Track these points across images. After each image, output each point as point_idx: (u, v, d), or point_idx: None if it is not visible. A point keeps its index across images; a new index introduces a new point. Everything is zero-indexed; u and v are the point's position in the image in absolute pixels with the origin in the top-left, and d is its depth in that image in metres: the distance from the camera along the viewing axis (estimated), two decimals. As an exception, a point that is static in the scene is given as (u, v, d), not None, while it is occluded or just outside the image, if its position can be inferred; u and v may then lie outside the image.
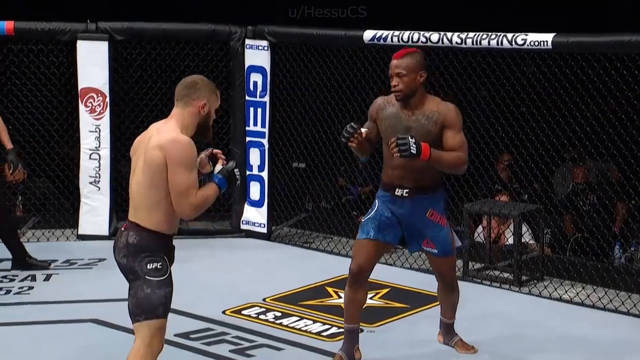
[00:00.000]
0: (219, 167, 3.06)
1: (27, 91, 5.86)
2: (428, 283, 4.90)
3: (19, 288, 4.69)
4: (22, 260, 4.94)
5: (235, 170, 3.04)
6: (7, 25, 5.47)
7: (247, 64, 5.72)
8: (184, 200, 2.88)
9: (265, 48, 5.66)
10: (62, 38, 5.62)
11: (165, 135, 2.95)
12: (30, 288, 4.71)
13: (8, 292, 4.65)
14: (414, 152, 3.27)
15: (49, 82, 5.86)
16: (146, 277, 2.88)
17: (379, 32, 5.13)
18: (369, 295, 4.64)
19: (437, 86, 5.23)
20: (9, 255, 4.99)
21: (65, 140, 6.01)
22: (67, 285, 4.75)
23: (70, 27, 5.60)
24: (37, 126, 5.95)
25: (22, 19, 5.59)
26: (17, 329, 4.10)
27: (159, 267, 2.90)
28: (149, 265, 2.89)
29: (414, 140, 3.28)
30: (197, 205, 2.91)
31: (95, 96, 5.64)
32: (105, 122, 5.67)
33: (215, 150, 3.14)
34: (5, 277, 4.89)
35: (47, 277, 4.90)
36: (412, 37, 4.99)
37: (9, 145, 4.86)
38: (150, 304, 2.88)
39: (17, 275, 4.90)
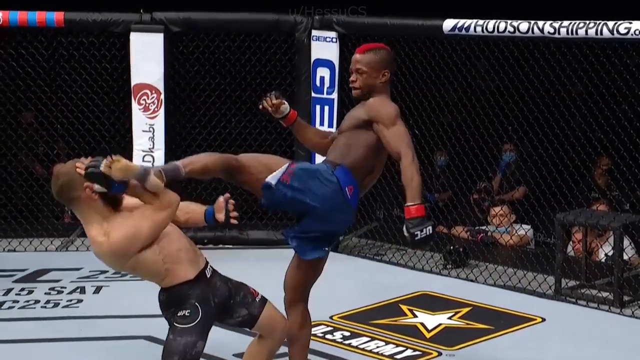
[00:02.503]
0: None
1: (77, 87, 5.95)
2: (515, 302, 4.80)
3: (68, 301, 4.76)
4: None
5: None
6: (57, 16, 5.56)
7: (313, 57, 5.70)
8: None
9: (334, 40, 5.63)
10: (115, 30, 5.69)
11: None
12: (80, 301, 4.78)
13: (56, 305, 4.72)
14: (429, 228, 3.15)
15: (100, 78, 5.94)
16: (174, 323, 3.07)
17: (461, 22, 5.04)
18: (448, 315, 4.60)
19: (527, 81, 5.11)
20: (58, 265, 5.07)
21: (116, 141, 6.08)
22: (117, 299, 4.80)
23: (123, 17, 5.67)
24: (87, 125, 6.03)
25: (73, 10, 5.67)
26: (65, 345, 4.15)
27: (186, 314, 3.05)
28: (178, 312, 3.07)
29: (406, 232, 3.15)
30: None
31: (149, 93, 5.69)
32: (159, 121, 5.71)
33: (230, 201, 3.22)
34: (53, 288, 4.97)
35: (97, 290, 4.97)
36: (497, 27, 4.88)
37: None
38: (169, 350, 3.04)
39: (66, 287, 4.97)
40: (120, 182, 2.91)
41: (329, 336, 4.31)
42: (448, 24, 5.10)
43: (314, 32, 5.68)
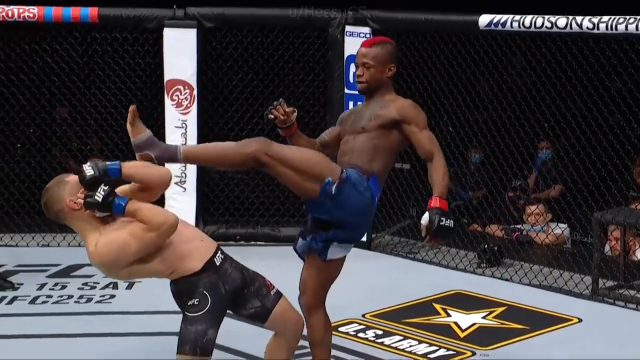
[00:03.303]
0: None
1: (110, 83, 5.99)
2: (551, 302, 4.75)
3: (101, 296, 4.79)
4: None
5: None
6: (91, 11, 5.60)
7: (346, 53, 5.68)
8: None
9: (368, 35, 5.60)
10: (148, 25, 5.72)
11: None
12: (112, 297, 4.81)
13: (89, 300, 4.76)
14: (451, 222, 3.15)
15: (133, 74, 5.97)
16: (185, 312, 3.10)
17: (497, 17, 4.99)
18: (482, 314, 4.56)
19: (564, 78, 5.05)
20: (86, 260, 5.08)
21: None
22: (150, 295, 4.82)
23: (156, 13, 5.69)
24: (120, 121, 6.04)
25: (107, 5, 5.71)
26: (98, 340, 4.18)
27: (196, 302, 3.08)
28: (189, 302, 3.11)
29: (436, 220, 3.11)
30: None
31: (182, 89, 5.71)
32: (192, 117, 5.73)
33: None
34: (86, 284, 5.01)
35: (129, 286, 5.00)
36: (535, 22, 4.83)
37: None
38: (182, 338, 3.07)
39: (99, 283, 5.01)
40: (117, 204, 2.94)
41: (361, 334, 4.30)
42: (484, 19, 5.05)
43: (348, 28, 5.67)
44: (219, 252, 3.17)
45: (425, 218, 3.15)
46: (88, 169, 2.97)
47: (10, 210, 5.95)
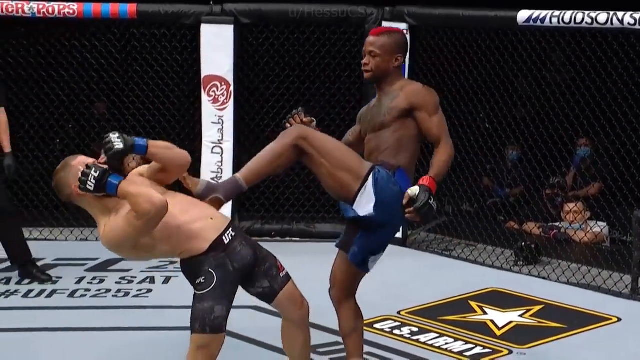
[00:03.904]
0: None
1: (148, 79, 6.04)
2: (589, 301, 4.70)
3: (138, 290, 4.83)
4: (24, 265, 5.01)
5: None
6: (130, 8, 5.65)
7: (383, 49, 5.65)
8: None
9: (405, 31, 5.56)
10: (186, 22, 5.75)
11: None
12: (149, 291, 4.85)
13: (127, 294, 4.80)
14: (433, 202, 3.10)
15: (170, 70, 6.02)
16: (195, 291, 3.10)
17: (536, 13, 4.94)
18: (519, 313, 4.52)
19: (604, 74, 4.98)
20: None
21: (186, 133, 6.15)
22: (186, 289, 4.81)
23: (194, 9, 5.72)
24: (158, 116, 6.11)
25: (145, 2, 5.76)
26: (135, 334, 4.21)
27: (202, 281, 3.07)
28: (197, 280, 3.11)
29: (423, 197, 3.08)
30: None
31: (218, 85, 5.74)
32: (228, 113, 5.76)
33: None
34: (123, 278, 5.06)
35: (166, 280, 5.04)
36: (574, 18, 4.78)
37: (7, 148, 4.93)
38: (192, 317, 3.06)
39: (136, 277, 5.05)
40: (110, 184, 2.92)
41: (396, 331, 4.28)
42: (523, 15, 5.01)
43: (385, 24, 5.63)
44: (230, 229, 3.15)
45: (413, 190, 3.11)
46: (117, 142, 2.96)
47: (50, 204, 6.02)
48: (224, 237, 3.11)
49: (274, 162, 3.22)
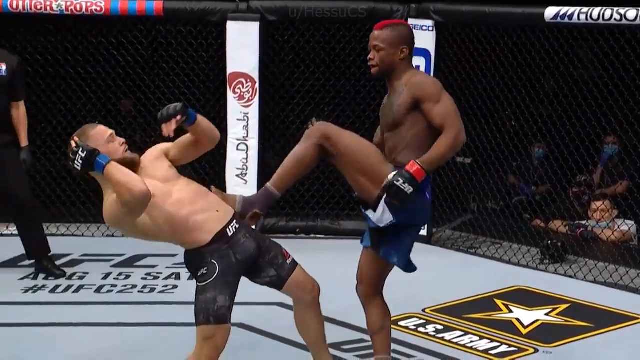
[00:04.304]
0: None
1: (174, 76, 6.06)
2: (617, 300, 4.65)
3: (163, 287, 4.85)
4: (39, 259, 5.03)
5: None
6: (157, 5, 5.67)
7: (409, 46, 5.63)
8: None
9: (430, 28, 5.56)
10: (212, 19, 5.76)
11: None
12: (175, 287, 4.87)
13: (152, 290, 4.82)
14: (410, 187, 3.06)
15: (196, 67, 6.03)
16: (197, 283, 3.13)
17: (564, 9, 4.90)
18: (545, 311, 4.49)
19: (633, 71, 4.93)
20: (154, 251, 5.16)
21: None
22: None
23: (220, 6, 5.73)
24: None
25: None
26: (160, 329, 4.23)
27: (204, 272, 3.10)
28: (198, 272, 3.13)
29: (399, 179, 3.07)
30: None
31: (244, 82, 5.74)
32: (254, 110, 5.76)
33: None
34: (149, 274, 5.08)
35: (192, 276, 5.04)
36: (603, 14, 4.73)
37: (24, 142, 4.95)
38: (195, 310, 3.11)
39: (162, 273, 5.08)
40: (98, 164, 2.96)
41: (421, 329, 4.27)
42: (550, 11, 4.96)
43: (410, 21, 5.61)
44: (234, 222, 3.17)
45: (392, 174, 3.10)
46: (176, 106, 3.06)
47: (77, 200, 6.06)
48: (227, 230, 3.14)
49: (300, 164, 3.23)
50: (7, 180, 4.85)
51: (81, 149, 2.96)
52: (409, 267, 3.33)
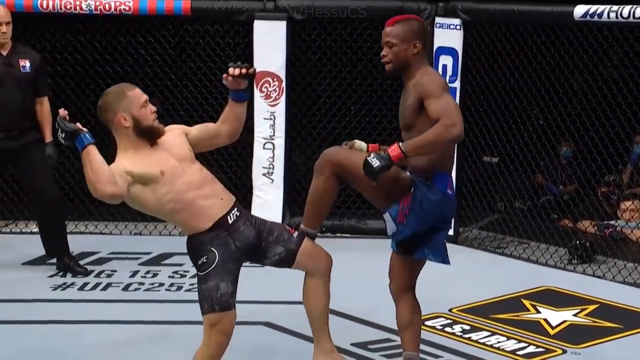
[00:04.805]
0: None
1: (201, 75, 6.07)
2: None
3: (190, 285, 4.85)
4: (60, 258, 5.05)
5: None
6: (184, 4, 5.67)
7: (436, 45, 5.59)
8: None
9: (458, 27, 5.51)
10: (239, 18, 5.76)
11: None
12: (201, 284, 4.87)
13: (179, 288, 4.83)
14: (379, 163, 3.04)
15: (223, 66, 6.00)
16: (198, 272, 3.16)
17: (593, 8, 4.84)
18: (573, 312, 4.43)
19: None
20: (181, 249, 5.15)
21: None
22: (241, 285, 4.85)
23: (247, 5, 5.73)
24: (211, 112, 6.12)
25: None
26: (187, 327, 4.23)
27: (204, 260, 3.13)
28: (199, 261, 3.17)
29: (372, 156, 3.07)
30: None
31: (271, 81, 5.74)
32: (280, 109, 5.75)
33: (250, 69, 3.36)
34: (176, 272, 5.09)
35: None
36: (633, 12, 4.67)
37: (48, 138, 4.97)
38: (199, 299, 3.14)
39: (189, 271, 5.09)
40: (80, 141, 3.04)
41: (448, 329, 4.24)
42: (579, 10, 4.91)
43: (438, 20, 5.58)
44: (234, 209, 3.19)
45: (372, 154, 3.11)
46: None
47: (105, 199, 6.08)
48: (228, 217, 3.17)
49: (322, 201, 3.32)
50: (32, 176, 4.88)
51: (65, 125, 3.02)
52: (445, 261, 3.33)
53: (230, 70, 3.18)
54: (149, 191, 3.09)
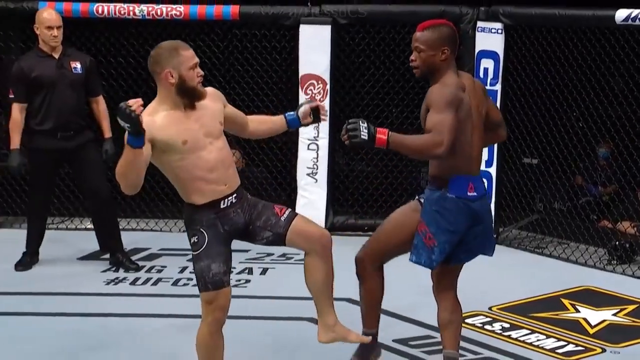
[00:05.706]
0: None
1: (248, 78, 6.12)
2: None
3: (237, 281, 4.91)
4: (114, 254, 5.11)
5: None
6: (233, 9, 5.74)
7: (477, 48, 5.58)
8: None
9: (499, 31, 5.49)
10: (285, 22, 5.81)
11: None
12: (247, 281, 4.92)
13: (226, 283, 4.88)
14: (365, 137, 3.00)
15: (270, 69, 6.08)
16: (192, 252, 3.21)
17: (635, 12, 4.80)
18: (613, 312, 4.39)
19: None
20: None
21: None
22: (283, 281, 4.91)
23: (293, 10, 5.78)
24: (257, 113, 6.17)
25: (247, 3, 5.83)
26: (233, 322, 4.26)
27: (195, 240, 3.18)
28: (191, 239, 3.21)
29: (365, 125, 3.03)
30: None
31: (315, 83, 5.77)
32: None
33: (320, 105, 3.53)
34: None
35: (263, 271, 5.11)
36: (674, 16, 4.61)
37: (107, 134, 5.04)
38: (195, 277, 3.20)
39: (235, 268, 5.13)
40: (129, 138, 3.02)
41: (487, 327, 4.23)
42: (621, 14, 4.86)
43: (479, 24, 5.56)
44: (233, 196, 3.22)
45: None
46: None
47: (156, 197, 6.17)
48: (222, 202, 3.19)
49: (373, 300, 3.47)
50: (87, 176, 4.98)
51: (130, 114, 2.98)
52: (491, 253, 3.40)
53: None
54: (163, 156, 3.14)
